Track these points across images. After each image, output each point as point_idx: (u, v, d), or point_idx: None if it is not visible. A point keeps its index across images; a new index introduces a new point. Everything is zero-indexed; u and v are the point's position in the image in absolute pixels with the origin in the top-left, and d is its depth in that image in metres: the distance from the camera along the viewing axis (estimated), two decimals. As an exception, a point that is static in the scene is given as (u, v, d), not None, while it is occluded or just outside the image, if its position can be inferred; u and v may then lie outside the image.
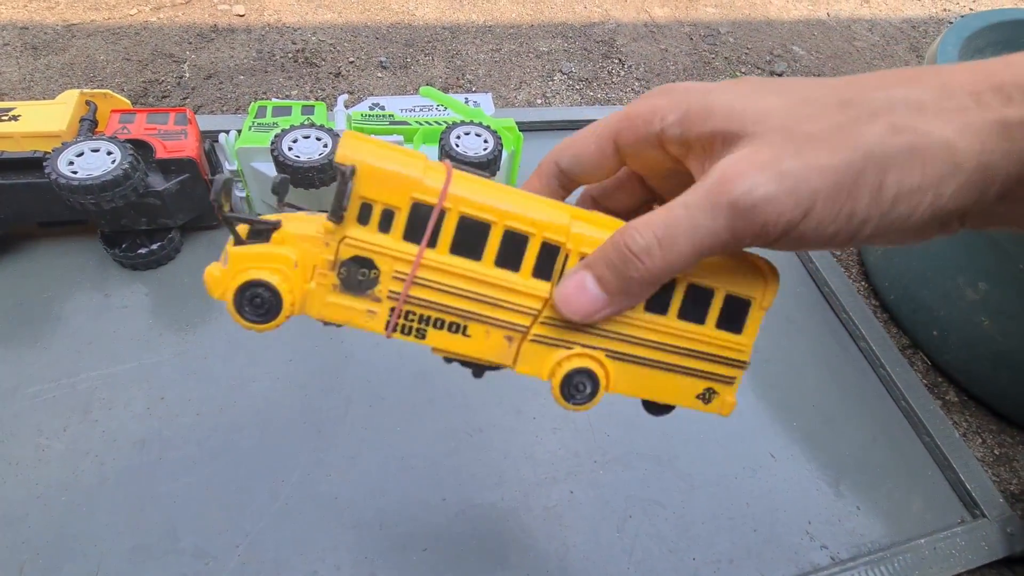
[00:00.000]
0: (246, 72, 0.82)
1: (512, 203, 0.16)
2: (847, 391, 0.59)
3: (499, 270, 0.16)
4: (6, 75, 0.73)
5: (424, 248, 0.16)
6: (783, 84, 0.15)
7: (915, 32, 1.28)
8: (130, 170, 0.49)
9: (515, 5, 1.10)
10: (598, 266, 0.16)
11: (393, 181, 0.15)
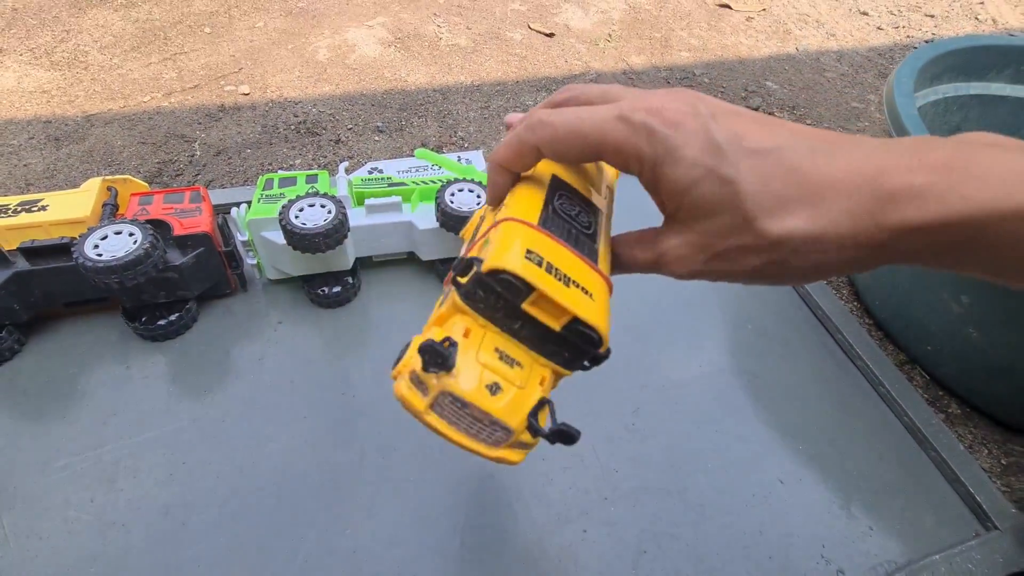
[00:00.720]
0: (252, 146, 0.88)
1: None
2: (849, 411, 0.59)
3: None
4: (32, 166, 0.78)
5: None
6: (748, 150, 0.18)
7: (882, 59, 1.35)
8: (150, 249, 0.52)
9: (500, 64, 1.17)
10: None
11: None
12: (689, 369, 0.60)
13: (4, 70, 0.99)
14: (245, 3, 1.29)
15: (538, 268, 0.17)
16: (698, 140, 0.17)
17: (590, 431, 0.54)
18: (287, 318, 0.64)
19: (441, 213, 0.62)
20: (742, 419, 0.57)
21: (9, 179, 0.74)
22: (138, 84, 0.99)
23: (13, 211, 0.58)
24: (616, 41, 1.31)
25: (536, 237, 0.18)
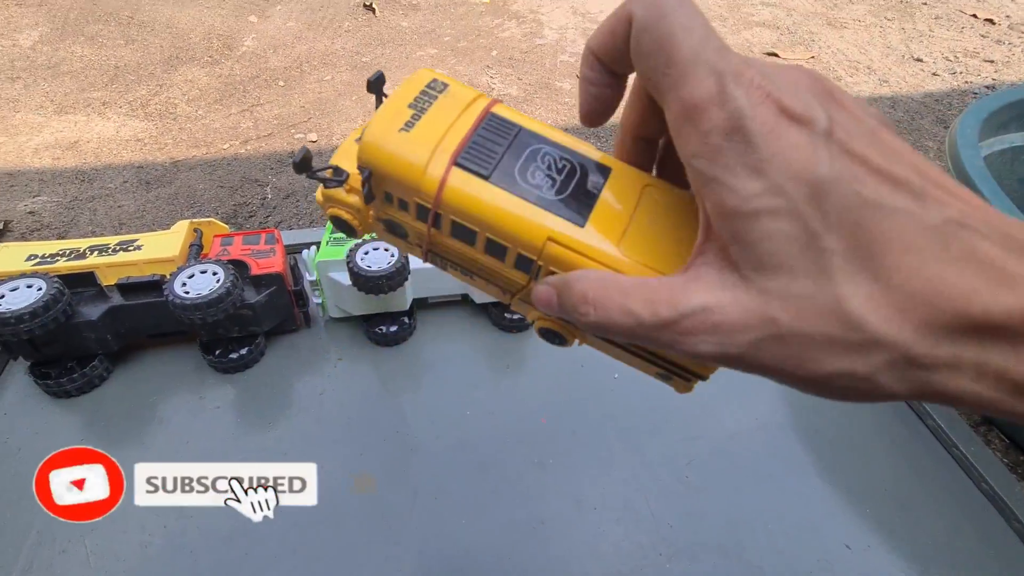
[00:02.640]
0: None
1: (492, 218, 0.17)
2: (921, 474, 0.56)
3: (488, 256, 0.18)
4: (125, 207, 0.86)
5: (430, 232, 0.18)
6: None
7: (939, 106, 1.32)
8: (231, 288, 0.57)
9: (550, 112, 1.22)
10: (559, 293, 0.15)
11: (399, 184, 0.17)
12: (744, 421, 0.58)
13: (106, 120, 1.11)
14: (315, 59, 1.41)
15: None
16: (799, 160, 0.11)
17: (643, 482, 0.53)
18: (346, 355, 0.67)
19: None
20: (803, 476, 0.54)
21: (105, 219, 0.82)
22: (219, 133, 1.08)
23: (112, 250, 0.64)
24: (663, 89, 1.34)
25: None
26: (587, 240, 0.17)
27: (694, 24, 0.12)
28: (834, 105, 0.12)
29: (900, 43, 1.64)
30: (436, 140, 0.17)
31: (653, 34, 0.13)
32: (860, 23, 1.76)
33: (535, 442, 0.56)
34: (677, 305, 0.12)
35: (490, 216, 0.17)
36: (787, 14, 1.80)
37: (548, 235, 0.17)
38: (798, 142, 0.11)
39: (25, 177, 0.95)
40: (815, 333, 0.12)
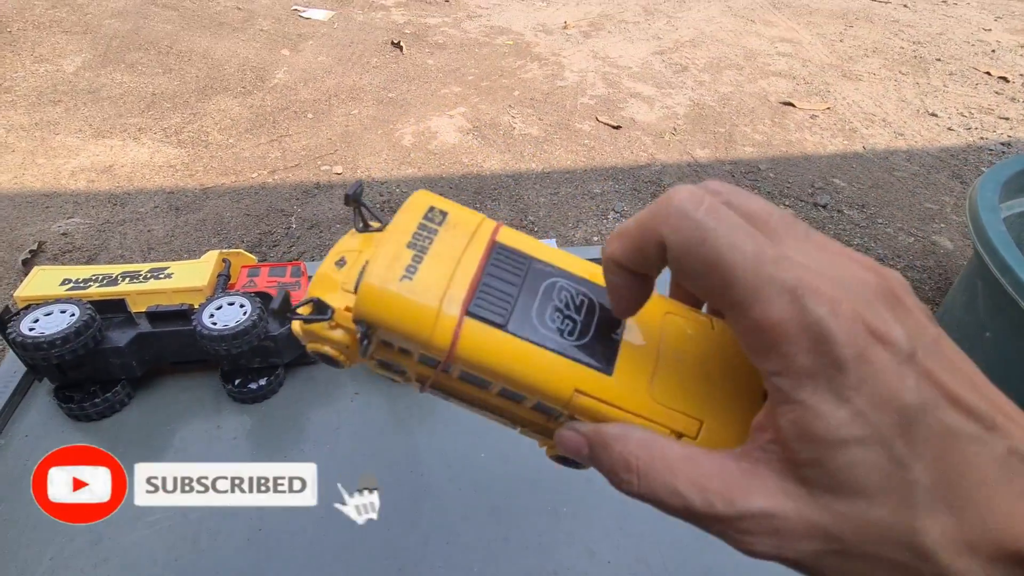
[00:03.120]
0: (342, 221, 0.96)
1: (516, 369, 0.16)
2: None
3: (503, 399, 0.17)
4: (155, 232, 0.88)
5: (438, 375, 0.17)
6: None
7: (955, 160, 1.34)
8: (257, 320, 0.58)
9: (569, 153, 1.24)
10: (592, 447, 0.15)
11: (405, 338, 0.15)
12: None
13: (141, 146, 1.15)
14: (343, 92, 1.46)
15: None
16: (887, 386, 0.11)
17: (658, 536, 0.52)
18: (364, 389, 0.67)
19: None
20: None
21: (135, 243, 0.84)
22: (248, 162, 1.12)
23: (143, 277, 0.66)
24: (681, 135, 1.37)
25: None
26: (618, 389, 0.16)
27: (739, 239, 0.12)
28: (903, 312, 0.12)
29: (915, 97, 1.67)
30: (443, 286, 0.16)
31: (698, 259, 0.12)
32: (875, 76, 1.80)
33: (549, 488, 0.56)
34: (734, 502, 0.12)
35: (509, 370, 0.16)
36: (802, 65, 1.85)
37: (575, 387, 0.16)
38: (885, 366, 0.11)
39: (60, 199, 0.98)
40: (884, 558, 0.12)
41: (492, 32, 1.95)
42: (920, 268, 1.00)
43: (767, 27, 2.13)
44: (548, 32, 1.98)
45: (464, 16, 2.06)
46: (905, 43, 2.05)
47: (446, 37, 1.87)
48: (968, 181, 1.26)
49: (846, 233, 1.07)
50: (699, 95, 1.59)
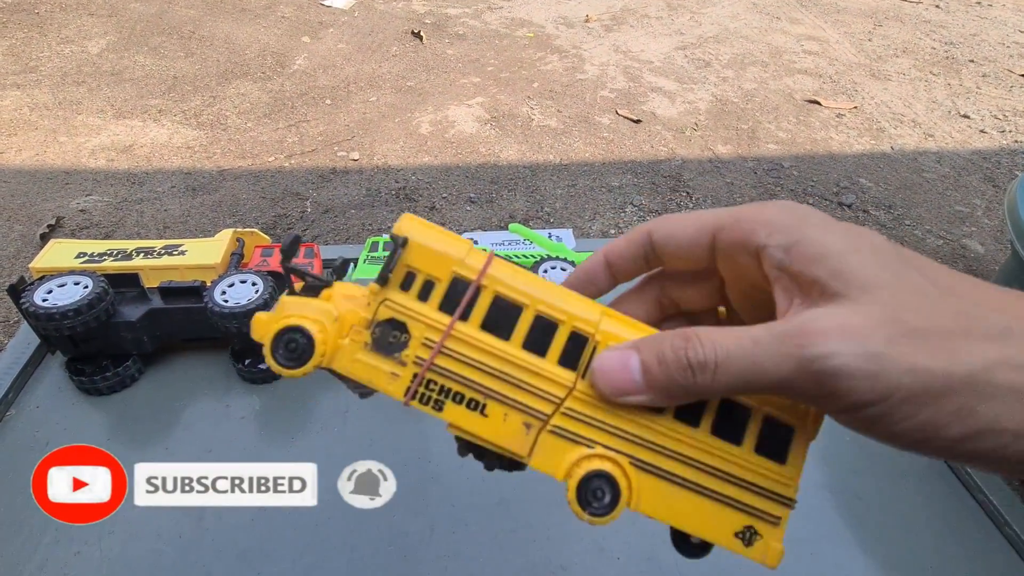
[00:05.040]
0: (356, 207, 0.95)
1: (546, 293, 0.16)
2: (970, 554, 0.52)
3: (526, 353, 0.16)
4: (171, 211, 0.89)
5: (456, 319, 0.16)
6: (904, 260, 0.14)
7: (987, 163, 1.29)
8: (269, 299, 0.57)
9: (588, 146, 1.23)
10: (648, 354, 0.15)
11: (438, 255, 0.16)
12: None
13: (161, 127, 1.15)
14: (362, 80, 1.45)
15: None
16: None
17: (664, 531, 0.50)
18: None
19: None
20: (841, 544, 0.51)
21: (152, 221, 0.84)
22: (265, 146, 1.12)
23: (158, 253, 0.65)
24: (702, 130, 1.35)
25: None
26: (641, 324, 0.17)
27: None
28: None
29: (946, 99, 1.62)
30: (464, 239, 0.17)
31: None
32: (904, 76, 1.75)
33: (560, 481, 0.54)
34: (810, 345, 0.13)
35: (543, 286, 0.16)
36: (829, 63, 1.81)
37: (604, 311, 0.16)
38: None
39: (80, 176, 0.99)
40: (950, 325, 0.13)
41: (513, 24, 1.93)
42: (948, 272, 0.97)
43: (793, 25, 2.09)
44: (569, 25, 1.96)
45: (485, 7, 2.05)
46: (937, 43, 1.99)
47: (466, 28, 1.86)
48: (1001, 184, 1.21)
49: (871, 234, 1.03)
50: (722, 91, 1.56)
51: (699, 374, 0.14)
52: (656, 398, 0.15)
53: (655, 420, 0.16)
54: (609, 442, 0.16)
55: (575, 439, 0.16)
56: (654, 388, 0.15)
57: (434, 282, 0.16)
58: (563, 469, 0.16)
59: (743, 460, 0.17)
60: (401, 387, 0.16)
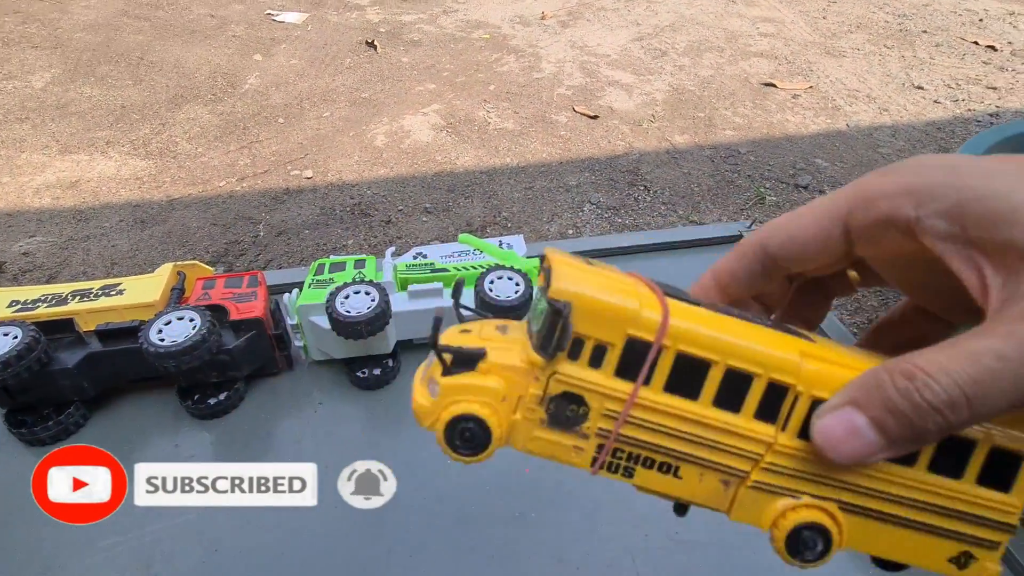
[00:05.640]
0: (311, 227, 0.94)
1: (733, 338, 0.14)
2: None
3: (717, 411, 0.15)
4: (119, 247, 0.87)
5: (639, 387, 0.14)
6: None
7: (941, 134, 1.31)
8: (207, 334, 0.56)
9: (545, 146, 1.22)
10: (874, 408, 0.13)
11: (608, 316, 0.14)
12: None
13: (108, 160, 1.13)
14: (315, 95, 1.43)
15: None
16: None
17: (630, 540, 0.50)
18: (328, 399, 0.65)
19: (480, 301, 0.63)
20: None
21: (98, 259, 0.82)
22: (217, 170, 1.10)
23: (94, 295, 0.64)
24: (659, 121, 1.35)
25: None
26: (827, 350, 0.15)
27: None
28: None
29: (900, 71, 1.64)
30: (623, 278, 0.15)
31: None
32: (859, 52, 1.77)
33: (518, 494, 0.54)
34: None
35: (732, 335, 0.14)
36: (785, 44, 1.82)
37: (800, 348, 0.15)
38: None
39: (24, 217, 0.97)
40: None
41: (468, 26, 1.92)
42: (905, 246, 0.97)
43: (749, 7, 2.10)
44: (526, 24, 1.95)
45: (440, 12, 2.03)
46: (890, 16, 2.01)
47: (421, 34, 1.85)
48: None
49: (829, 214, 1.04)
50: (679, 80, 1.56)
51: (953, 415, 0.12)
52: (903, 450, 0.13)
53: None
54: (816, 491, 0.15)
55: (778, 492, 0.15)
56: (897, 444, 0.13)
57: (606, 346, 0.14)
58: (768, 520, 0.15)
59: (963, 494, 0.15)
60: (586, 459, 0.15)
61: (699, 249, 0.88)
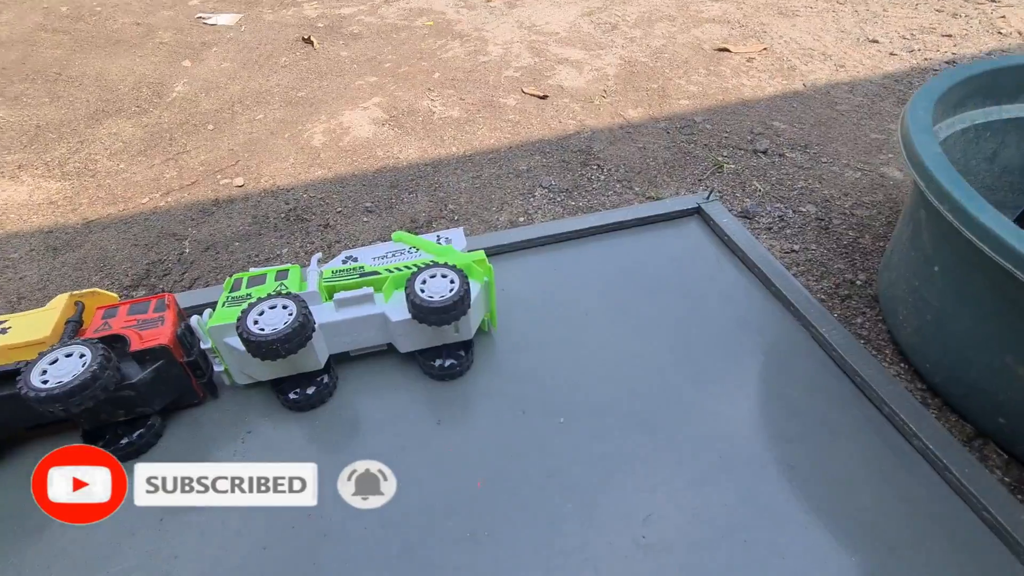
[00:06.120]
0: (241, 238, 0.87)
1: None
2: (912, 506, 0.48)
3: None
4: (26, 279, 0.79)
5: None
6: None
7: (899, 86, 1.28)
8: (98, 371, 0.49)
9: (493, 131, 1.16)
10: None
11: None
12: (707, 461, 0.51)
13: (19, 184, 1.04)
14: (248, 98, 1.35)
15: None
16: None
17: (593, 550, 0.45)
18: (257, 427, 0.59)
19: (412, 305, 0.57)
20: (778, 524, 0.47)
21: (2, 294, 0.74)
22: (139, 186, 1.02)
23: (-25, 336, 0.57)
24: (612, 96, 1.29)
25: None
26: None
27: None
28: None
29: (854, 26, 1.61)
30: None
31: None
32: (811, 10, 1.73)
33: (469, 511, 0.49)
34: None
35: None
36: (737, 7, 1.77)
37: None
38: None
39: (-80, 255, 0.88)
40: None
41: (411, 14, 1.84)
42: (869, 204, 0.94)
43: (698, -26, 2.04)
44: (471, 7, 1.87)
45: (381, 1, 1.95)
46: (840, -28, 1.98)
47: (362, 26, 1.76)
48: (913, 106, 1.20)
49: (789, 177, 1.00)
50: (630, 52, 1.50)
51: None
52: None
53: None
54: None
55: None
56: None
57: None
58: None
59: None
60: None
61: (655, 226, 0.83)
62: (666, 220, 0.82)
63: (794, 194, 0.94)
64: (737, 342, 0.62)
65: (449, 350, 0.61)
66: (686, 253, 0.78)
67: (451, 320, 0.58)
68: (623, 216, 0.80)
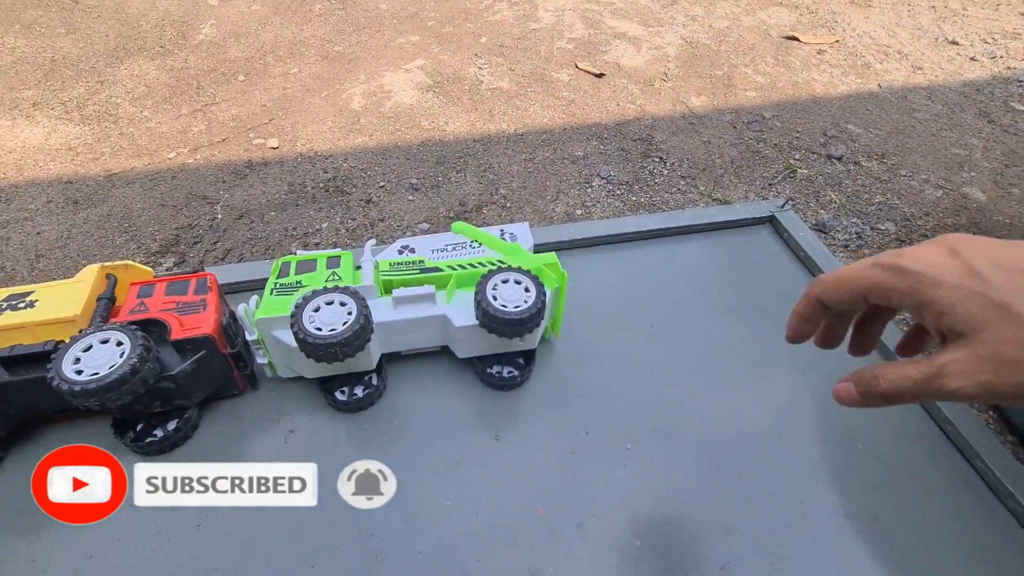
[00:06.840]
0: (277, 207, 0.81)
1: None
2: (1006, 572, 0.44)
3: None
4: (45, 234, 0.73)
5: None
6: (1008, 290, 0.18)
7: (980, 96, 1.19)
8: (138, 363, 0.44)
9: (546, 109, 1.08)
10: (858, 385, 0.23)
11: None
12: (787, 505, 0.47)
13: (34, 125, 0.96)
14: (280, 48, 1.26)
15: None
16: (954, 267, 0.19)
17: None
18: (300, 426, 0.55)
19: (481, 312, 0.52)
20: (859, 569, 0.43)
21: (19, 250, 0.69)
22: (165, 138, 0.94)
23: (-2, 309, 0.51)
24: (673, 81, 1.20)
25: None
26: None
27: None
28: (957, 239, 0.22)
29: (932, 23, 1.50)
30: None
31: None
32: (886, 2, 1.61)
33: (531, 542, 0.45)
34: (933, 363, 0.20)
35: None
36: (805, -8, 1.66)
37: None
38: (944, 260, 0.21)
39: (-70, 197, 0.82)
40: None
41: (454, -32, 1.71)
42: (952, 227, 0.88)
43: (763, -51, 1.91)
44: (518, -35, 1.75)
45: (422, -50, 1.81)
46: (916, -39, 1.85)
47: (401, -25, 1.64)
48: (997, 120, 1.12)
49: (866, 189, 0.93)
50: (691, 32, 1.40)
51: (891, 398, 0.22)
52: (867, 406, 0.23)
53: None
54: None
55: None
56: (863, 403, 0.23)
57: None
58: None
59: None
60: None
61: (724, 232, 0.77)
62: (737, 227, 0.76)
63: (872, 209, 0.88)
64: (816, 373, 0.57)
65: (509, 357, 0.56)
66: (759, 266, 0.72)
67: (524, 333, 0.53)
68: (691, 219, 0.74)
